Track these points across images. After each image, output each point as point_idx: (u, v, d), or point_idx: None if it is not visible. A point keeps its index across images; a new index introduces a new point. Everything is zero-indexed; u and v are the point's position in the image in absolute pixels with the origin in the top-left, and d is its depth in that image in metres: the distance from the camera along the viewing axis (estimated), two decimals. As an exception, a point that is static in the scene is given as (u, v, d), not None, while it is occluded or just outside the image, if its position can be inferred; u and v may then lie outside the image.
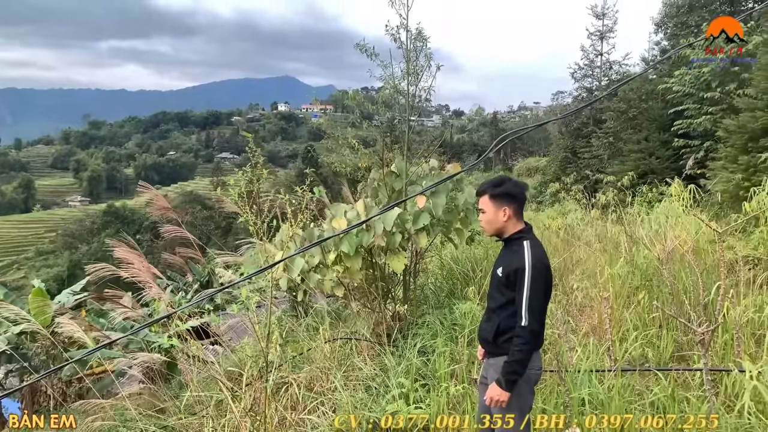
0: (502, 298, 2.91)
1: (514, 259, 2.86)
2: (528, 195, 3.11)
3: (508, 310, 2.86)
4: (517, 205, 2.94)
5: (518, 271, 2.79)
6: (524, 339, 2.75)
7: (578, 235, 8.23)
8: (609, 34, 31.33)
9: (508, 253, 2.97)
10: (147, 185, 4.71)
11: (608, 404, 3.18)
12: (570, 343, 4.02)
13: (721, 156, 11.15)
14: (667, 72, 18.76)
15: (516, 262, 2.83)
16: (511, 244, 2.95)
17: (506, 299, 2.87)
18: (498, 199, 2.93)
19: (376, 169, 5.58)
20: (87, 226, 78.25)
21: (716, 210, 8.27)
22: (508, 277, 2.84)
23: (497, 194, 2.93)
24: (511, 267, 2.85)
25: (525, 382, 2.85)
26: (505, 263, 2.93)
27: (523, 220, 2.99)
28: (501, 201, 2.92)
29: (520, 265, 2.80)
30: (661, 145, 17.89)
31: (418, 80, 5.38)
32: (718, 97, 14.60)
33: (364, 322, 5.30)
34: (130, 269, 4.45)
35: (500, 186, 2.95)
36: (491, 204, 2.95)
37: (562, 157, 31.45)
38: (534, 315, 2.75)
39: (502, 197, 2.93)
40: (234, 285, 3.75)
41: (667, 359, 4.23)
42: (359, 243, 5.03)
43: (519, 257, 2.83)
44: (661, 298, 4.99)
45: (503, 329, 2.89)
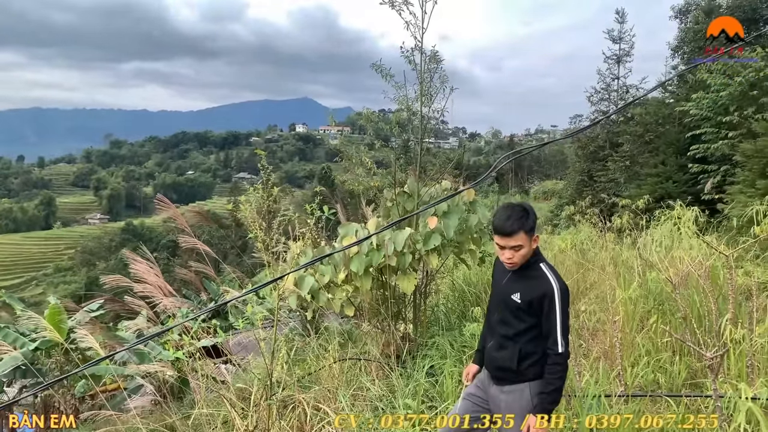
0: (521, 324, 2.84)
1: (535, 284, 2.79)
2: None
3: (529, 336, 2.82)
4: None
5: (545, 297, 2.74)
6: (563, 366, 2.73)
7: (592, 259, 8.16)
8: (626, 58, 31.43)
9: (524, 277, 2.87)
10: (164, 199, 4.76)
11: (616, 430, 3.12)
12: (580, 367, 3.97)
13: (738, 180, 11.05)
14: (685, 96, 18.69)
15: (540, 288, 2.77)
16: (526, 269, 2.86)
17: (527, 325, 2.82)
18: (532, 231, 2.83)
19: (388, 189, 5.62)
20: (105, 243, 79.23)
21: (733, 235, 8.16)
22: (531, 303, 2.78)
23: (532, 227, 2.82)
24: (534, 293, 2.78)
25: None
26: (523, 289, 2.83)
27: None
28: (532, 232, 2.83)
29: (547, 290, 2.75)
30: (678, 169, 17.76)
31: (431, 102, 5.44)
32: (737, 122, 14.49)
33: (373, 342, 5.29)
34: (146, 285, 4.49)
35: (529, 218, 2.82)
36: (527, 239, 2.81)
37: (578, 181, 31.31)
38: (566, 340, 2.74)
39: (533, 229, 2.84)
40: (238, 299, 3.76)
41: (679, 386, 4.15)
42: (369, 263, 5.05)
43: (543, 282, 2.78)
44: (674, 322, 4.92)
45: (525, 354, 2.83)
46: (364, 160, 5.70)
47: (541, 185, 65.88)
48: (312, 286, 5.03)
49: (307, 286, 5.02)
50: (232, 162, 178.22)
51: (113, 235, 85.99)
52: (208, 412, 4.10)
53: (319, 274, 5.16)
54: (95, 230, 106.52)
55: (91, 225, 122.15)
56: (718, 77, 15.56)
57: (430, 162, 6.20)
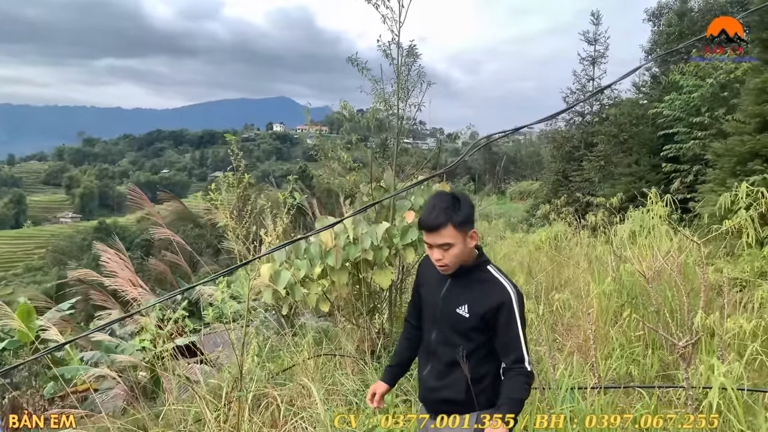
0: (470, 344, 2.29)
1: (487, 291, 2.27)
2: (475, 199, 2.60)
3: (478, 356, 2.30)
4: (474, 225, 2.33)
5: (503, 307, 2.22)
6: (531, 379, 2.23)
7: (567, 255, 8.24)
8: (600, 60, 31.85)
9: (470, 285, 2.32)
10: (138, 191, 4.61)
11: (590, 421, 3.14)
12: (554, 360, 3.99)
13: (709, 179, 11.25)
14: (658, 97, 19.01)
15: (495, 296, 2.25)
16: (471, 274, 2.34)
17: (474, 345, 2.29)
18: (464, 226, 2.27)
19: (365, 184, 5.59)
20: (77, 242, 77.80)
21: (704, 231, 8.30)
22: (483, 318, 2.25)
23: (462, 221, 2.26)
24: (487, 303, 2.25)
25: None
26: (472, 300, 2.28)
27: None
28: (466, 227, 2.28)
29: (504, 298, 2.23)
30: (651, 168, 18.05)
31: (408, 96, 5.43)
32: (708, 122, 14.78)
33: (348, 339, 5.25)
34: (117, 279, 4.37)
35: (460, 209, 2.26)
36: (459, 235, 2.26)
37: (553, 181, 31.66)
38: (529, 353, 2.26)
39: (466, 223, 2.27)
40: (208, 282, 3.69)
41: (652, 378, 4.20)
42: (346, 257, 5.02)
43: (496, 288, 2.27)
44: (647, 316, 4.98)
45: (475, 380, 2.31)
46: (340, 155, 5.68)
47: (517, 186, 66.38)
48: (288, 281, 4.98)
49: (284, 282, 4.96)
50: (208, 161, 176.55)
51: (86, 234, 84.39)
52: (180, 409, 4.02)
53: (295, 268, 5.11)
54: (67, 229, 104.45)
55: (63, 224, 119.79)
56: (690, 79, 15.87)
57: (408, 162, 6.20)
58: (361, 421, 3.55)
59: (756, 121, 10.09)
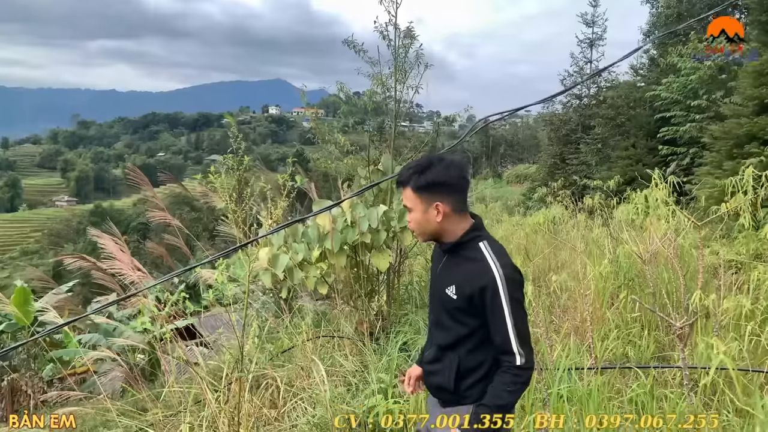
0: (460, 328, 2.11)
1: (473, 271, 2.05)
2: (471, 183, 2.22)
3: (472, 343, 2.10)
4: (456, 196, 2.11)
5: (486, 290, 1.99)
6: (523, 378, 2.01)
7: (564, 238, 8.27)
8: (598, 42, 31.64)
9: (459, 263, 2.13)
10: (137, 171, 4.58)
11: (587, 401, 3.18)
12: (551, 341, 4.02)
13: (706, 162, 11.27)
14: (656, 79, 18.95)
15: (479, 277, 2.02)
16: (461, 250, 2.13)
17: (468, 330, 2.09)
18: (425, 191, 2.09)
19: (362, 167, 5.59)
20: (74, 226, 77.71)
21: (700, 214, 8.33)
22: (470, 299, 2.04)
23: (423, 185, 2.08)
24: (473, 285, 2.03)
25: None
26: (459, 279, 2.09)
27: (467, 212, 2.16)
28: (431, 194, 2.08)
29: (487, 280, 2.00)
30: (648, 151, 18.06)
31: (405, 77, 5.40)
32: (705, 105, 14.76)
33: (347, 320, 5.29)
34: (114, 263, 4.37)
35: (425, 172, 2.08)
36: (417, 199, 2.11)
37: (550, 164, 31.60)
38: (526, 345, 2.02)
39: (431, 189, 2.08)
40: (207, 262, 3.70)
41: (648, 358, 4.25)
42: (344, 240, 5.03)
43: (480, 268, 2.03)
44: (643, 298, 5.02)
45: (465, 371, 2.12)
46: (337, 137, 5.66)
47: (514, 169, 66.34)
48: (286, 265, 4.99)
49: (282, 265, 4.98)
50: (203, 144, 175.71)
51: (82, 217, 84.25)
52: (180, 390, 4.06)
53: (293, 252, 5.12)
54: (63, 213, 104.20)
55: (59, 207, 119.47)
56: (688, 61, 15.80)
57: (405, 146, 6.19)
58: (361, 401, 3.59)
59: (754, 103, 10.08)
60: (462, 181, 2.12)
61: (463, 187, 2.13)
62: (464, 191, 2.14)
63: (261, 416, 3.85)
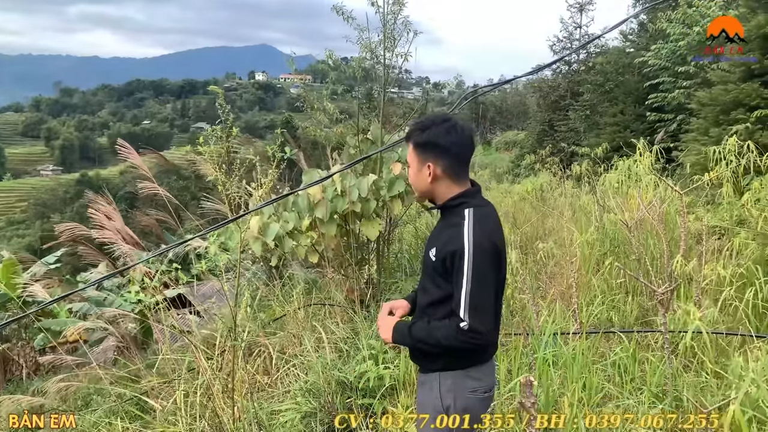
0: (435, 291, 2.07)
1: (450, 236, 2.02)
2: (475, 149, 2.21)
3: (444, 309, 2.04)
4: (451, 160, 2.08)
5: (455, 255, 1.96)
6: (457, 337, 1.94)
7: (551, 205, 8.35)
8: (588, 6, 31.29)
9: (443, 227, 2.13)
10: (126, 144, 4.55)
11: (572, 364, 3.28)
12: (537, 307, 4.11)
13: (693, 128, 11.31)
14: (645, 45, 18.85)
15: (452, 242, 1.99)
16: (449, 215, 2.12)
17: (442, 293, 2.04)
18: (422, 150, 2.10)
19: (352, 136, 5.58)
20: (60, 195, 77.01)
21: (686, 181, 8.44)
22: (444, 262, 2.01)
23: (420, 143, 2.10)
24: (447, 247, 2.01)
25: (461, 409, 2.05)
26: (438, 243, 2.08)
27: (464, 179, 2.13)
28: (426, 153, 2.09)
29: (456, 247, 1.97)
30: (636, 118, 18.07)
31: (394, 45, 5.35)
32: (693, 71, 14.74)
33: (338, 289, 5.35)
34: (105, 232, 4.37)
35: (426, 131, 2.08)
36: (414, 156, 2.13)
37: (539, 131, 31.54)
38: (479, 314, 1.92)
39: (426, 148, 2.09)
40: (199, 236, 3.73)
41: (631, 323, 4.36)
42: (334, 209, 5.06)
43: (456, 234, 1.99)
44: (628, 264, 5.12)
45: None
46: (326, 106, 5.63)
47: (503, 136, 66.16)
48: (277, 233, 5.02)
49: (272, 234, 5.01)
50: (189, 111, 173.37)
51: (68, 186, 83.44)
52: (174, 359, 4.12)
53: (284, 221, 5.15)
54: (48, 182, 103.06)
55: (44, 177, 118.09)
56: (677, 27, 15.71)
57: (394, 113, 6.16)
58: (352, 367, 3.67)
59: (740, 69, 10.07)
60: (459, 148, 2.08)
61: (459, 153, 2.09)
62: (461, 157, 2.11)
63: (254, 383, 3.94)
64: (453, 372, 2.07)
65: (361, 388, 3.48)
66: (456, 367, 2.07)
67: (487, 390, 2.11)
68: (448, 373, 2.08)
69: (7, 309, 8.92)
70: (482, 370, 2.10)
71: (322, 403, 3.49)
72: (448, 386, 2.07)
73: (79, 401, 5.20)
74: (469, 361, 2.07)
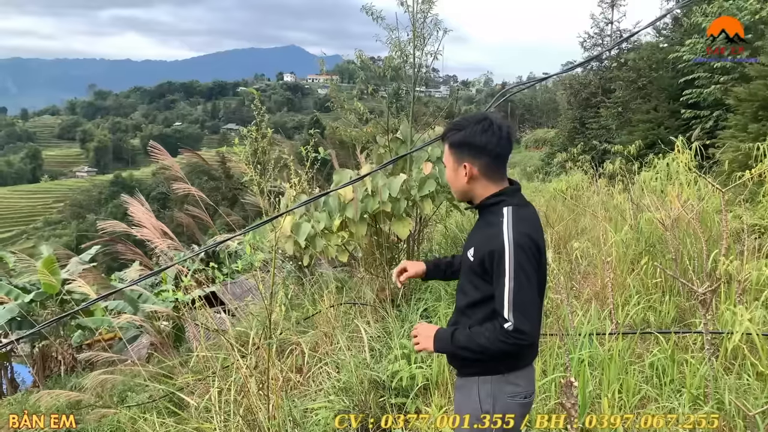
0: (475, 292, 2.04)
1: (489, 235, 1.98)
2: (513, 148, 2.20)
3: (483, 311, 2.01)
4: (487, 159, 2.04)
5: (493, 255, 1.92)
6: (506, 340, 1.88)
7: (584, 204, 8.23)
8: (620, 2, 30.79)
9: (482, 225, 2.09)
10: (158, 146, 4.64)
11: (608, 365, 3.22)
12: (572, 307, 4.06)
13: (730, 124, 11.03)
14: (679, 40, 18.45)
15: (491, 240, 1.95)
16: (486, 214, 2.08)
17: (481, 295, 2.01)
18: (457, 149, 2.07)
19: (381, 136, 5.58)
20: (94, 196, 78.96)
21: (723, 179, 8.23)
22: (482, 262, 1.97)
23: (456, 143, 2.07)
24: (485, 247, 1.97)
25: (501, 408, 2.01)
26: (477, 243, 2.04)
27: (502, 178, 2.09)
28: (461, 153, 2.06)
29: (495, 246, 1.92)
30: (670, 115, 17.70)
31: (424, 44, 5.34)
32: (730, 66, 14.37)
33: (368, 288, 5.36)
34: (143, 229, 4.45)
35: (462, 130, 2.05)
36: (450, 156, 2.10)
37: (570, 128, 31.16)
38: (523, 314, 1.87)
39: (462, 148, 2.06)
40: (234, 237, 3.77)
41: (668, 324, 4.27)
42: (364, 209, 5.07)
43: (495, 233, 1.95)
44: (665, 264, 5.01)
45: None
46: (356, 105, 5.65)
47: (532, 134, 65.59)
48: (308, 233, 5.05)
49: (304, 233, 5.04)
50: (219, 113, 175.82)
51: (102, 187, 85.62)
52: (208, 356, 4.18)
53: (315, 220, 5.18)
54: (83, 183, 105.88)
55: (79, 178, 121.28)
56: (713, 20, 15.33)
57: (422, 111, 6.15)
58: (384, 366, 3.67)
59: (781, 64, 9.81)
60: (495, 146, 2.03)
61: (496, 153, 2.04)
62: (498, 157, 2.05)
63: (288, 380, 3.97)
64: (492, 377, 2.03)
65: (393, 387, 3.49)
66: (494, 372, 2.02)
67: (527, 395, 2.05)
68: (487, 377, 2.03)
69: (46, 307, 9.16)
70: (521, 375, 2.04)
71: (355, 401, 3.50)
72: (487, 391, 2.03)
73: (115, 397, 5.32)
74: (507, 366, 2.02)
